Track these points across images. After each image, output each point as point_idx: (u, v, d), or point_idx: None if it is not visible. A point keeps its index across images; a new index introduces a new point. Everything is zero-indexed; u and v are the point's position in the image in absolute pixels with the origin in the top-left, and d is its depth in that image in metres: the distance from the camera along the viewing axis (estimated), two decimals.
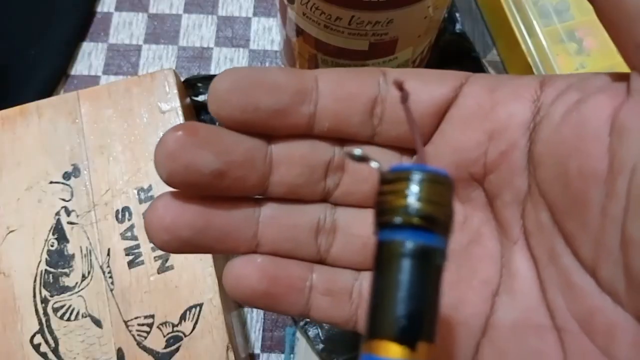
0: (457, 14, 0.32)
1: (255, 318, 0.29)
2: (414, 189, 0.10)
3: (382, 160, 0.15)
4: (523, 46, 0.30)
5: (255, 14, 0.35)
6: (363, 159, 0.11)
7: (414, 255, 0.10)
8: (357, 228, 0.16)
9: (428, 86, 0.15)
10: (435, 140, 0.15)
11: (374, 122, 0.15)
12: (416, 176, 0.10)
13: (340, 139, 0.15)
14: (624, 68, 0.13)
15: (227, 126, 0.14)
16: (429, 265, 0.10)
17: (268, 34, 0.35)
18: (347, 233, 0.16)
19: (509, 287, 0.14)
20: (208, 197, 0.14)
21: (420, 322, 0.10)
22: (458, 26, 0.32)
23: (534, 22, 0.29)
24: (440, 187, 0.10)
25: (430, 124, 0.15)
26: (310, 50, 0.25)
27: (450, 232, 0.10)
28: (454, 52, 0.31)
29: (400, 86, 0.12)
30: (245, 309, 0.29)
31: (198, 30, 0.35)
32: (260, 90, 0.14)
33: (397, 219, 0.10)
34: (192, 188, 0.14)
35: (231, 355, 0.24)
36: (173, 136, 0.13)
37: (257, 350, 0.28)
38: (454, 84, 0.15)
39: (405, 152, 0.16)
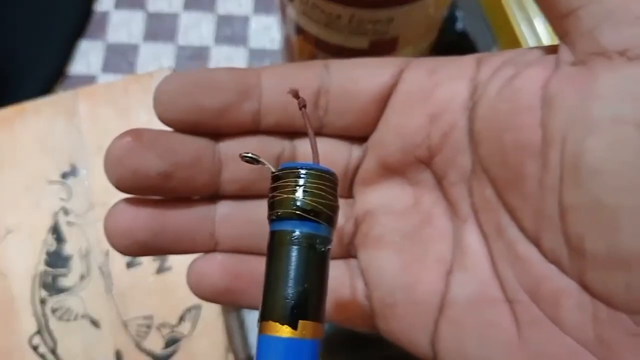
0: (459, 13, 0.32)
1: (255, 319, 0.29)
2: (299, 183, 0.11)
3: (332, 150, 0.16)
4: (524, 45, 0.29)
5: (254, 12, 0.35)
6: (255, 160, 0.12)
7: (297, 243, 0.11)
8: None
9: (369, 74, 0.15)
10: (380, 127, 0.16)
11: (320, 114, 0.15)
12: (301, 172, 0.11)
13: (290, 133, 0.16)
14: None
15: (174, 129, 0.15)
16: (312, 252, 0.11)
17: (267, 32, 0.34)
18: None
19: (461, 264, 0.14)
20: (162, 200, 0.15)
21: (304, 303, 0.11)
22: (459, 25, 0.31)
23: (535, 21, 0.29)
24: (323, 181, 0.11)
25: (374, 111, 0.15)
26: (311, 49, 0.24)
27: (334, 221, 0.12)
28: (455, 52, 0.31)
29: (295, 94, 0.12)
30: (244, 310, 0.29)
31: (197, 29, 0.35)
32: (202, 91, 0.14)
33: (284, 211, 0.11)
34: (141, 191, 0.14)
35: (230, 356, 0.24)
36: (119, 142, 0.14)
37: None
38: (394, 70, 0.15)
39: (355, 140, 0.16)
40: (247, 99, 0.15)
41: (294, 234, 0.11)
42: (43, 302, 0.25)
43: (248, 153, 0.12)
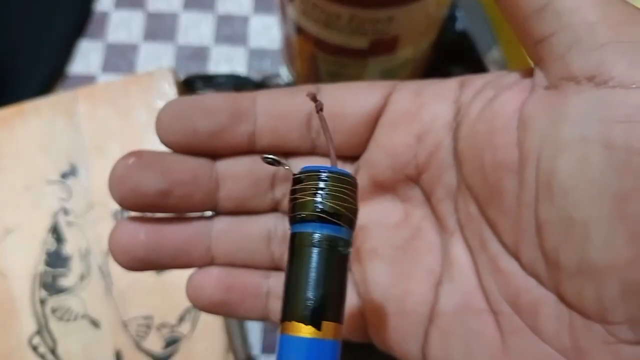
0: (459, 13, 0.32)
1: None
2: (320, 186, 0.11)
3: None
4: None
5: (254, 12, 0.35)
6: (276, 162, 0.12)
7: (319, 245, 0.11)
8: None
9: (359, 97, 0.16)
10: (371, 146, 0.16)
11: (312, 135, 0.16)
12: (322, 175, 0.11)
13: (285, 153, 0.16)
14: None
15: (174, 150, 0.16)
16: (333, 254, 0.11)
17: (267, 32, 0.34)
18: None
19: (449, 275, 0.15)
20: (161, 217, 0.16)
21: (325, 304, 0.11)
22: (459, 25, 0.31)
23: None
24: (344, 185, 0.11)
25: (365, 132, 0.16)
26: (311, 48, 0.24)
27: (355, 223, 0.12)
28: (455, 51, 0.31)
29: (313, 97, 0.13)
30: None
31: (197, 29, 0.34)
32: (197, 115, 0.15)
33: (306, 213, 0.11)
34: (142, 208, 0.15)
35: (230, 356, 0.24)
36: (121, 163, 0.15)
37: (257, 352, 0.28)
38: (383, 92, 0.16)
39: (347, 159, 0.17)
40: (241, 121, 0.16)
41: (315, 236, 0.11)
42: (43, 302, 0.25)
43: (269, 155, 0.12)
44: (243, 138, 0.16)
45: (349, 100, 0.16)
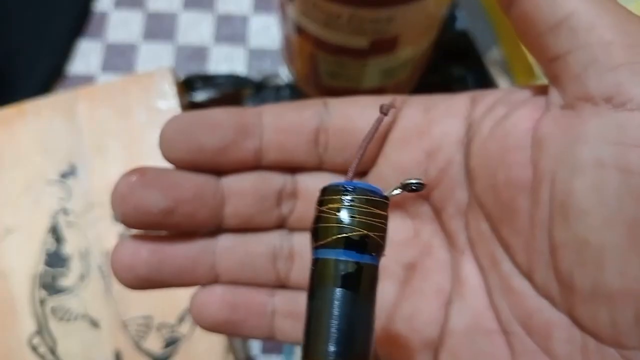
0: (459, 12, 0.32)
1: None
2: (346, 205, 0.10)
3: None
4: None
5: (254, 12, 0.35)
6: (422, 186, 0.11)
7: (348, 275, 0.10)
8: None
9: (367, 112, 0.16)
10: (380, 162, 0.16)
11: (320, 151, 0.16)
12: (348, 195, 0.10)
13: (291, 168, 0.16)
14: None
15: (178, 167, 0.15)
16: (363, 285, 0.10)
17: (267, 32, 0.34)
18: (303, 256, 0.16)
19: (459, 294, 0.15)
20: (164, 235, 0.15)
21: (355, 345, 0.10)
22: (460, 24, 0.31)
23: None
24: (374, 206, 0.10)
25: (374, 147, 0.16)
26: (310, 48, 0.24)
27: (383, 249, 0.11)
28: (456, 51, 0.31)
29: (389, 107, 0.13)
30: None
31: (196, 29, 0.34)
32: (201, 131, 0.15)
33: (329, 240, 0.10)
34: (145, 226, 0.15)
35: (230, 356, 0.24)
36: (124, 180, 0.14)
37: (257, 352, 0.28)
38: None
39: (355, 175, 0.17)
40: (247, 137, 0.15)
41: (340, 266, 0.10)
42: (43, 302, 0.25)
43: (413, 180, 0.11)
44: (249, 154, 0.15)
45: (357, 115, 0.16)
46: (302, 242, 0.16)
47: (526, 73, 0.29)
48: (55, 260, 0.26)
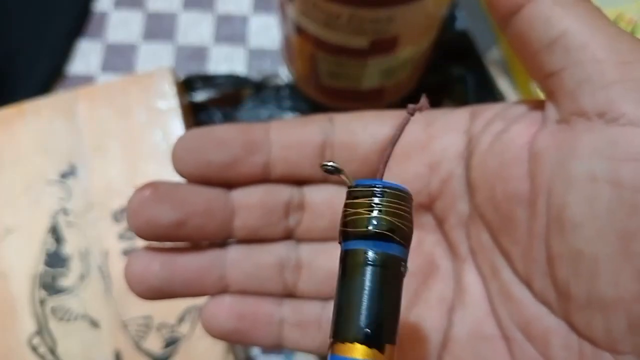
0: (459, 12, 0.32)
1: None
2: (375, 202, 0.11)
3: (338, 197, 0.17)
4: None
5: (254, 12, 0.35)
6: (336, 170, 0.12)
7: (377, 264, 0.11)
8: (320, 260, 0.17)
9: (369, 127, 0.16)
10: (383, 175, 0.16)
11: None
12: (378, 190, 0.11)
13: (299, 181, 0.17)
14: None
15: (189, 181, 0.16)
16: (391, 273, 0.11)
17: (267, 32, 0.34)
18: (311, 266, 0.17)
19: (462, 302, 0.15)
20: (175, 247, 0.16)
21: (380, 325, 0.10)
22: (460, 24, 0.31)
23: None
24: (400, 200, 0.11)
25: (376, 162, 0.16)
26: (310, 48, 0.24)
27: (410, 241, 0.11)
28: (455, 51, 0.31)
29: (415, 110, 0.13)
30: None
31: (196, 29, 0.34)
32: (210, 147, 0.16)
33: (359, 230, 0.11)
34: (158, 238, 0.16)
35: (230, 356, 0.24)
36: (138, 195, 0.15)
37: (257, 352, 0.28)
38: (393, 122, 0.16)
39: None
40: (254, 152, 0.16)
41: (369, 254, 0.11)
42: (42, 302, 0.25)
43: (329, 162, 0.12)
44: (257, 168, 0.16)
45: (360, 130, 0.16)
46: (309, 253, 0.17)
47: (526, 73, 0.29)
48: (55, 260, 0.26)
